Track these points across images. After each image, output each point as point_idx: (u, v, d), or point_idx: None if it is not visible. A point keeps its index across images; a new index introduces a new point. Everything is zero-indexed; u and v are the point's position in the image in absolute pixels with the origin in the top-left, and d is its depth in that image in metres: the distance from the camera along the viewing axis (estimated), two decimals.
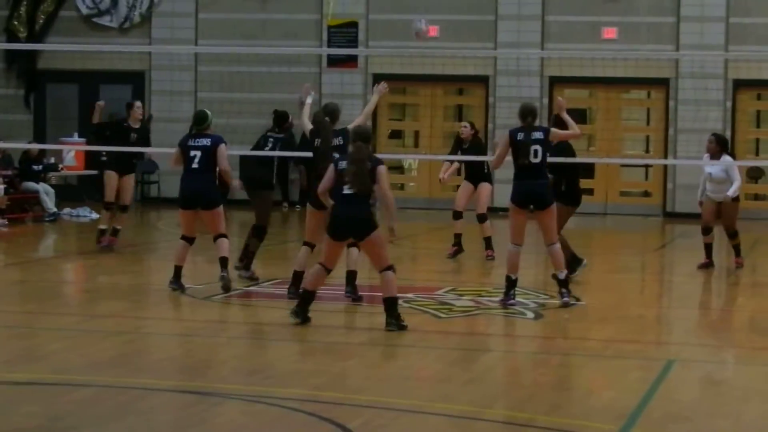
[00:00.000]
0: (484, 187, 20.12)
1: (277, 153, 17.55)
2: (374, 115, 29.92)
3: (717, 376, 11.92)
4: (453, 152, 20.79)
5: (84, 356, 11.90)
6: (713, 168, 18.97)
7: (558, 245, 15.41)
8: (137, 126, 20.98)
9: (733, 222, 19.29)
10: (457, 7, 29.95)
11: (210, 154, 15.94)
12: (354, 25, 30.40)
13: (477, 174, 20.14)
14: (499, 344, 13.50)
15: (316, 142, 15.32)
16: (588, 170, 27.34)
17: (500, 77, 28.69)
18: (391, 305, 13.30)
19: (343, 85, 29.80)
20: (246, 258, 17.15)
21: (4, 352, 12.10)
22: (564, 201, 16.66)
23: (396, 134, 32.08)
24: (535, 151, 15.30)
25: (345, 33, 30.45)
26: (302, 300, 13.64)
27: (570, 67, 28.22)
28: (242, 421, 9.70)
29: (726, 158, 19.03)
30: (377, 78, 30.49)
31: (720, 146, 19.09)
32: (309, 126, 15.63)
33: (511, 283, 15.36)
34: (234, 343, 13.17)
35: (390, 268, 13.28)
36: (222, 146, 15.99)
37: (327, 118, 15.42)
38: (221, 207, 16.02)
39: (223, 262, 15.84)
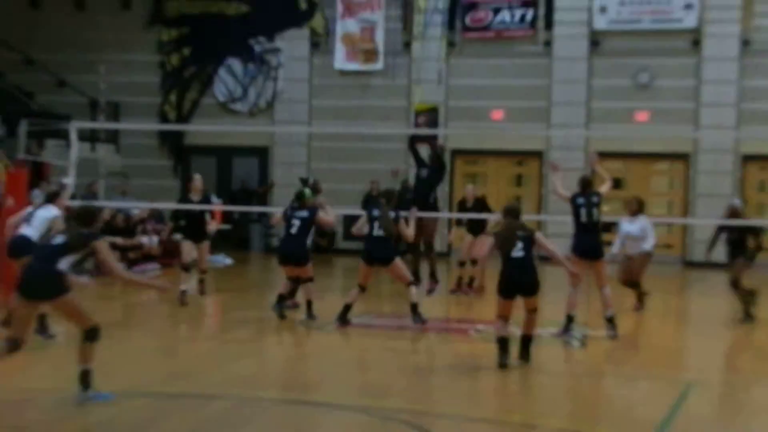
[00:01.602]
0: (485, 238, 20.03)
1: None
2: (451, 180, 30.22)
3: (731, 396, 11.91)
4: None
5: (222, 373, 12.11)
6: (632, 227, 18.22)
7: (608, 288, 15.47)
8: (197, 198, 18.52)
9: (639, 273, 18.44)
10: (519, 95, 30.06)
11: (308, 223, 16.34)
12: (435, 110, 30.60)
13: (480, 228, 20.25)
14: (550, 367, 13.54)
15: None
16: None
17: (552, 152, 28.72)
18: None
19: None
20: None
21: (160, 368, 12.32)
22: None
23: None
24: (591, 212, 15.56)
25: (428, 116, 30.61)
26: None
27: (609, 144, 28.28)
28: (349, 429, 9.84)
29: (642, 218, 18.41)
30: (455, 152, 30.81)
31: (639, 207, 18.46)
32: None
33: (569, 319, 15.45)
34: (342, 365, 13.31)
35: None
36: (318, 214, 16.48)
37: None
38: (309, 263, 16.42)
39: (308, 303, 16.39)
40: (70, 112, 28.54)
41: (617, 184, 29.90)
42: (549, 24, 30.11)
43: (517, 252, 12.63)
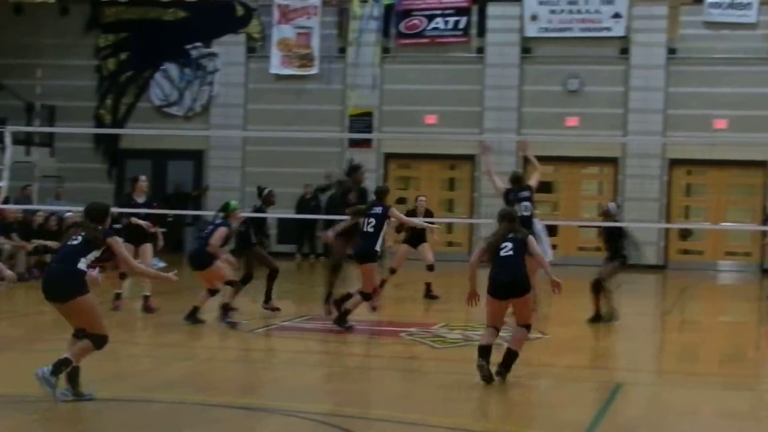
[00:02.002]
0: (427, 245, 20.07)
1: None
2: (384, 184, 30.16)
3: (658, 396, 11.90)
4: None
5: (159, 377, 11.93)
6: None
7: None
8: (141, 200, 17.99)
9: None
10: (452, 100, 30.07)
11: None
12: (369, 114, 30.53)
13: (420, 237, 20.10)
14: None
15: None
16: (552, 230, 27.30)
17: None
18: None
19: (360, 162, 29.94)
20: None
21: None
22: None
23: (401, 200, 32.10)
24: (522, 207, 15.66)
25: (362, 120, 30.56)
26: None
27: (540, 149, 28.28)
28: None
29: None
30: (388, 156, 30.77)
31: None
32: None
33: None
34: (274, 368, 13.18)
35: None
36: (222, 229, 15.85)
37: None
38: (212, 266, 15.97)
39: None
40: (5, 115, 28.18)
41: (548, 188, 30.10)
42: (482, 31, 30.18)
43: (506, 252, 12.23)
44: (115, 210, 16.75)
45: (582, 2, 29.71)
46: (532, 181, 16.59)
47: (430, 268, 19.96)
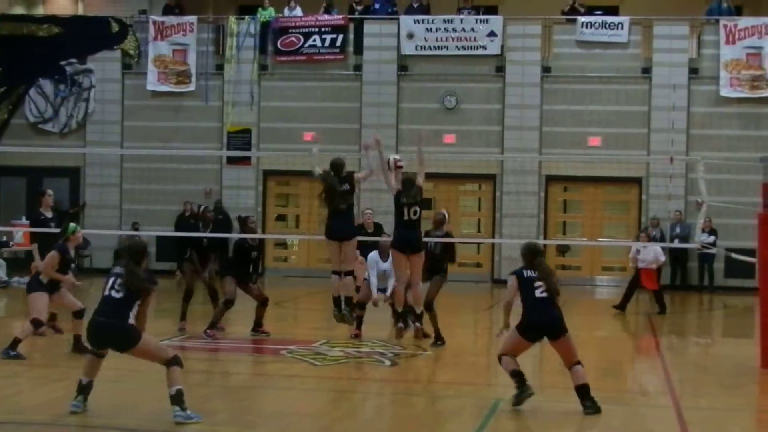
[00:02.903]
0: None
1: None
2: (263, 201, 30.14)
3: (537, 412, 11.96)
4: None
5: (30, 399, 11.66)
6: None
7: (421, 285, 16.28)
8: (50, 214, 17.77)
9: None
10: (330, 117, 30.07)
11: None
12: (248, 131, 30.40)
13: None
14: (363, 387, 13.46)
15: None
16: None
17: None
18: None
19: (239, 179, 29.82)
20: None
21: None
22: None
23: (281, 218, 32.01)
24: (413, 210, 15.65)
25: (241, 137, 30.40)
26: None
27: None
28: None
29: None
30: (267, 173, 30.63)
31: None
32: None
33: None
34: (155, 386, 12.95)
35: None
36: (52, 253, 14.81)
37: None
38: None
39: None
40: None
41: (428, 204, 30.21)
42: (359, 49, 30.24)
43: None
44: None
45: (457, 21, 29.97)
46: (420, 178, 16.43)
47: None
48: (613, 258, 30.12)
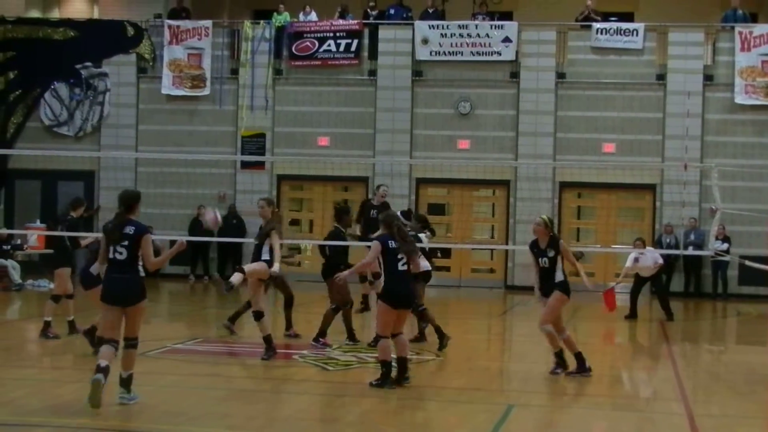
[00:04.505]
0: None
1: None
2: (277, 206, 30.05)
3: (549, 418, 11.93)
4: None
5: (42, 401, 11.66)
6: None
7: None
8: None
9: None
10: (344, 122, 30.10)
11: None
12: (262, 136, 30.41)
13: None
14: (375, 392, 13.42)
15: None
16: (446, 252, 27.44)
17: (377, 178, 28.67)
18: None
19: (253, 184, 29.79)
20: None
21: None
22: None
23: (295, 222, 32.00)
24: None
25: (255, 142, 30.43)
26: None
27: (432, 171, 28.50)
28: None
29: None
30: (281, 178, 30.66)
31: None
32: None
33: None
34: (163, 391, 12.95)
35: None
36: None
37: None
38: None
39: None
40: None
41: (441, 210, 30.28)
42: (373, 54, 30.23)
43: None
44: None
45: (472, 27, 29.95)
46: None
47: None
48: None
